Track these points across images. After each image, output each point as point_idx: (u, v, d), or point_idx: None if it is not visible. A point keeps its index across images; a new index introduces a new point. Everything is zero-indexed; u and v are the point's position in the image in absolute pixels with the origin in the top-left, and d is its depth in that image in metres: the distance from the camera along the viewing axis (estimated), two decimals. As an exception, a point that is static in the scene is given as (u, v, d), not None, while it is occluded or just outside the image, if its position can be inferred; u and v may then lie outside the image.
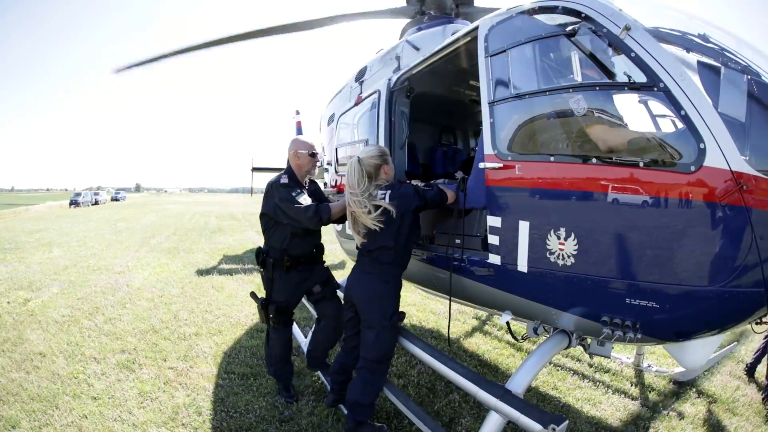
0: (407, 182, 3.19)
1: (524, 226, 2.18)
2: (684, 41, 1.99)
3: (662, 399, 3.49)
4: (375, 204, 2.57)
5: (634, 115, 1.92)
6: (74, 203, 37.41)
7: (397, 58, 3.81)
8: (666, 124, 1.83)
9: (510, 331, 3.04)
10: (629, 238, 1.84)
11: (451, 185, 2.87)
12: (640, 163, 1.77)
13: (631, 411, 3.29)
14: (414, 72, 3.35)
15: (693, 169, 1.66)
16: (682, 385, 3.72)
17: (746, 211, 1.59)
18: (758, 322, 1.92)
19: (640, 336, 1.91)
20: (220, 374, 3.72)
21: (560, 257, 2.03)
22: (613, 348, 2.74)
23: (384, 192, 2.63)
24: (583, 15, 1.97)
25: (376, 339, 2.62)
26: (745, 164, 1.60)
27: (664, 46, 1.81)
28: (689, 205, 1.67)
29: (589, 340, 2.56)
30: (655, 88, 1.76)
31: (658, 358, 4.27)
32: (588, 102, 1.92)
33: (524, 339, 2.95)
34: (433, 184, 2.97)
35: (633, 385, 3.72)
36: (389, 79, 3.54)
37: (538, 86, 2.16)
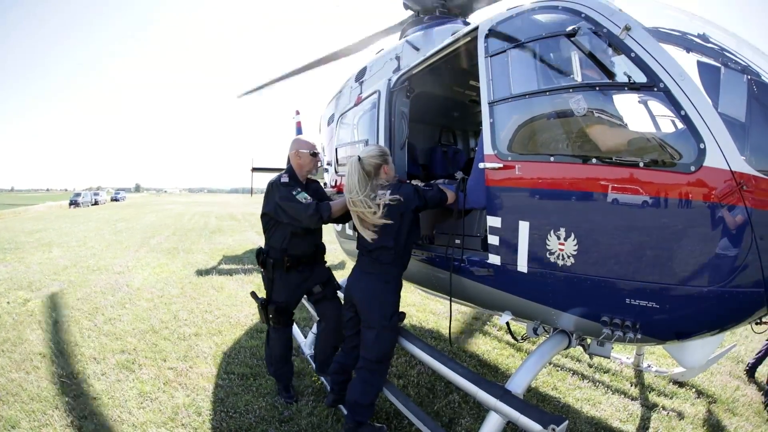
0: (407, 182, 3.19)
1: (524, 227, 2.18)
2: (684, 41, 2.00)
3: (662, 399, 3.49)
4: (378, 203, 2.57)
5: (634, 115, 1.93)
6: (74, 203, 37.37)
7: (397, 59, 3.81)
8: (666, 124, 1.83)
9: (510, 332, 3.03)
10: (629, 239, 1.83)
11: (451, 185, 2.87)
12: (640, 164, 1.77)
13: (631, 411, 3.29)
14: (414, 72, 3.36)
15: (693, 169, 1.66)
16: (682, 385, 3.72)
17: (746, 211, 1.59)
18: (758, 323, 1.92)
19: (640, 336, 1.90)
20: (219, 374, 3.72)
21: (560, 257, 2.03)
22: (612, 348, 2.74)
23: (384, 192, 2.63)
24: (583, 15, 1.97)
25: (376, 339, 2.62)
26: (745, 164, 1.60)
27: (664, 46, 1.81)
28: (689, 205, 1.67)
29: (589, 341, 2.56)
30: (655, 88, 1.76)
31: (658, 358, 4.27)
32: (588, 102, 1.93)
33: (524, 339, 2.95)
34: (433, 184, 2.97)
35: (633, 386, 3.72)
36: (389, 80, 3.54)
37: (537, 86, 2.16)
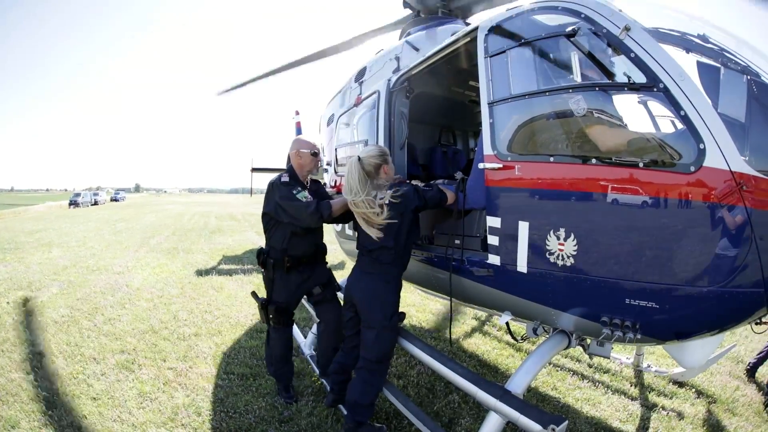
0: (407, 182, 3.19)
1: (524, 227, 2.18)
2: (684, 41, 2.00)
3: (661, 399, 3.49)
4: (380, 203, 2.57)
5: (634, 115, 1.93)
6: (74, 203, 37.35)
7: (397, 59, 3.80)
8: (666, 125, 1.83)
9: (509, 332, 3.03)
10: (629, 239, 1.83)
11: (451, 186, 2.87)
12: (640, 164, 1.77)
13: (630, 411, 3.29)
14: (413, 72, 3.36)
15: (693, 169, 1.66)
16: (682, 385, 3.72)
17: (746, 212, 1.59)
18: (758, 323, 1.92)
19: (639, 336, 1.91)
20: (219, 375, 3.71)
21: (560, 258, 2.03)
22: (612, 348, 2.74)
23: (384, 192, 2.63)
24: (582, 15, 1.97)
25: (376, 339, 2.62)
26: (745, 164, 1.60)
27: (664, 47, 1.81)
28: (689, 205, 1.67)
29: (589, 341, 2.56)
30: (655, 89, 1.76)
31: (658, 359, 4.27)
32: (588, 102, 1.93)
33: (524, 339, 2.95)
34: (432, 185, 2.98)
35: (633, 386, 3.71)
36: (389, 80, 3.54)
37: (537, 87, 2.16)
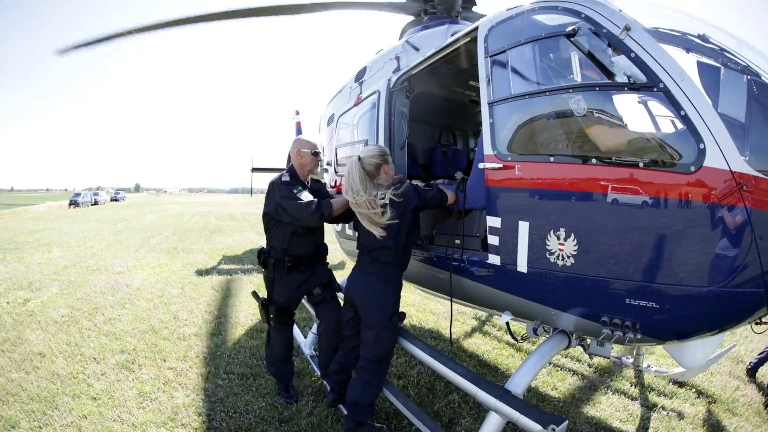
0: (407, 182, 3.19)
1: (524, 227, 2.18)
2: (684, 41, 2.00)
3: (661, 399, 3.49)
4: (381, 203, 2.56)
5: (634, 115, 1.93)
6: (74, 203, 37.35)
7: (397, 59, 3.80)
8: (666, 125, 1.83)
9: (510, 332, 3.03)
10: (629, 239, 1.83)
11: (451, 185, 2.87)
12: (640, 164, 1.77)
13: (630, 411, 3.29)
14: (414, 72, 3.36)
15: (693, 169, 1.66)
16: (682, 385, 3.72)
17: (746, 211, 1.59)
18: (758, 323, 1.92)
19: (639, 336, 1.90)
20: (219, 375, 3.71)
21: (560, 258, 2.03)
22: (612, 348, 2.74)
23: (384, 192, 2.63)
24: (582, 15, 1.97)
25: (377, 339, 2.62)
26: (745, 164, 1.60)
27: (664, 47, 1.81)
28: (689, 205, 1.67)
29: (589, 341, 2.56)
30: (655, 89, 1.76)
31: (658, 359, 4.27)
32: (588, 102, 1.93)
33: (524, 339, 2.95)
34: (433, 184, 2.97)
35: (633, 386, 3.72)
36: (389, 80, 3.54)
37: (537, 87, 2.17)
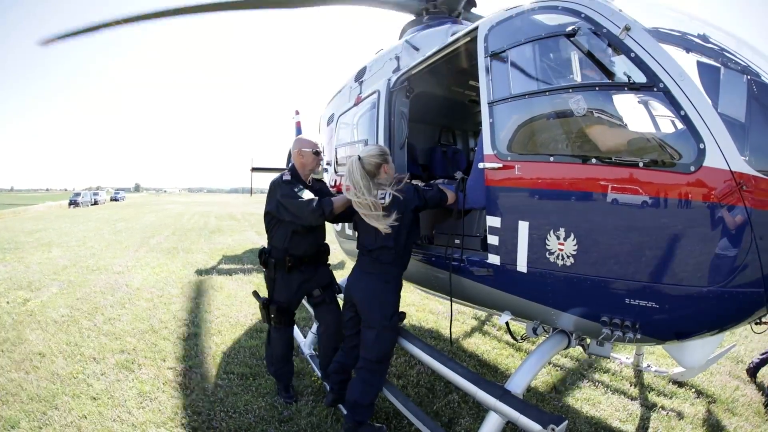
0: (407, 181, 3.18)
1: (524, 227, 2.18)
2: (684, 41, 1.99)
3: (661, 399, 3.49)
4: (381, 203, 2.56)
5: (634, 115, 1.92)
6: (73, 203, 37.36)
7: (397, 59, 3.80)
8: (666, 125, 1.83)
9: (509, 332, 3.03)
10: (629, 239, 1.83)
11: (451, 185, 2.87)
12: (640, 164, 1.77)
13: (630, 411, 3.29)
14: (413, 72, 3.36)
15: (693, 169, 1.66)
16: (681, 385, 3.72)
17: (746, 211, 1.59)
18: (757, 323, 1.92)
19: (639, 336, 1.90)
20: (219, 374, 3.71)
21: (560, 257, 2.03)
22: (612, 348, 2.74)
23: (384, 192, 2.63)
24: (582, 15, 1.97)
25: (376, 339, 2.62)
26: (745, 164, 1.60)
27: (664, 47, 1.81)
28: (689, 205, 1.67)
29: (589, 341, 2.56)
30: (655, 89, 1.76)
31: (658, 359, 4.27)
32: (588, 102, 1.93)
33: (523, 339, 2.95)
34: (432, 184, 2.97)
35: (632, 386, 3.72)
36: (389, 80, 3.54)
37: (537, 86, 2.16)
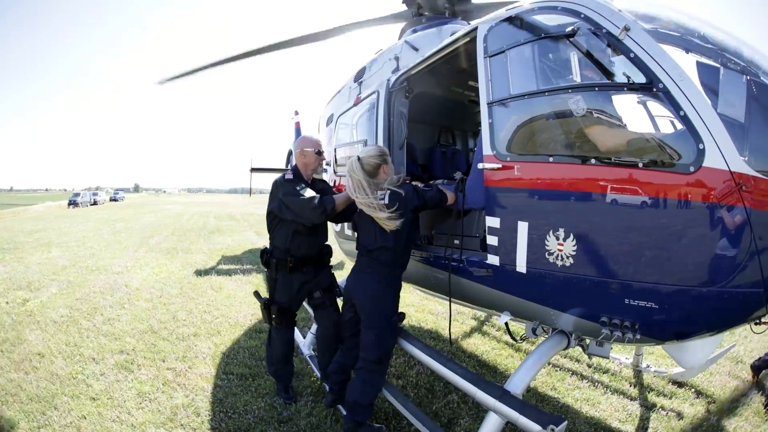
0: (407, 182, 3.18)
1: (523, 227, 2.18)
2: (683, 41, 1.99)
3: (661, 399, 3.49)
4: (380, 204, 2.56)
5: (633, 115, 1.92)
6: (73, 203, 37.35)
7: (396, 59, 3.80)
8: (665, 125, 1.83)
9: (509, 332, 3.03)
10: (628, 239, 1.83)
11: (450, 186, 2.87)
12: (639, 164, 1.77)
13: (630, 411, 3.29)
14: (413, 72, 3.35)
15: (692, 169, 1.66)
16: (681, 385, 3.72)
17: (745, 212, 1.59)
18: (757, 323, 1.92)
19: (639, 336, 1.90)
20: (218, 375, 3.71)
21: (559, 258, 2.03)
22: (612, 348, 2.74)
23: (384, 192, 2.63)
24: (582, 15, 1.97)
25: (376, 339, 2.62)
26: (744, 165, 1.60)
27: (664, 47, 1.80)
28: (688, 205, 1.67)
29: (588, 341, 2.56)
30: (654, 89, 1.76)
31: (657, 359, 4.27)
32: (587, 103, 1.92)
33: (523, 339, 2.96)
34: (432, 185, 2.97)
35: (632, 386, 3.72)
36: (388, 80, 3.54)
37: (537, 87, 2.16)
